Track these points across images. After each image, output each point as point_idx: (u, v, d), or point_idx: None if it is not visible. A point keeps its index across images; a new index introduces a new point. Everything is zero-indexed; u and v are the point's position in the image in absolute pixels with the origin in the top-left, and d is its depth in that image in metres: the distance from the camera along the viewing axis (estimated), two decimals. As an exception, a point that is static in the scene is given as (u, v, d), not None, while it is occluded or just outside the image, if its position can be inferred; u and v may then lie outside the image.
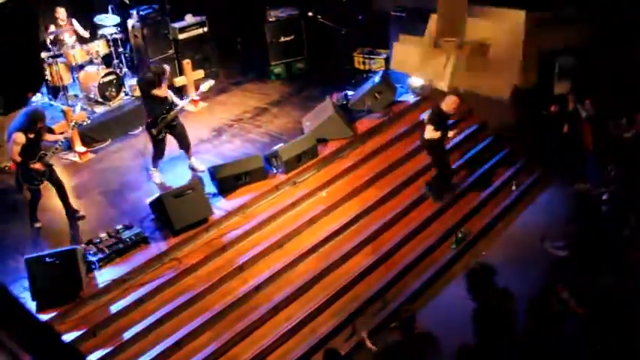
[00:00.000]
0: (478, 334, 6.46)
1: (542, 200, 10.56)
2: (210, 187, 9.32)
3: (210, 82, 9.93)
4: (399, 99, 11.64)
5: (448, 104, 9.48)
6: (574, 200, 9.13)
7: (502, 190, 10.81)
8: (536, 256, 8.90)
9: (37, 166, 8.34)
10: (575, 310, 7.18)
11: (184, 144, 9.81)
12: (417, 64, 11.02)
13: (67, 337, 7.14)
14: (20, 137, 8.17)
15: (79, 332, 7.32)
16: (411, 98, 11.78)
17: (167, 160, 10.04)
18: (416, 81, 11.53)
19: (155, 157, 9.76)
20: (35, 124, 8.27)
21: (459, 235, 9.71)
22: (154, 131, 9.38)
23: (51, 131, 9.40)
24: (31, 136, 8.24)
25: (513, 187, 10.88)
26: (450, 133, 9.85)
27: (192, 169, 9.95)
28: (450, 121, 10.03)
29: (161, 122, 9.29)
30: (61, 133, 9.15)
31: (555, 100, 10.72)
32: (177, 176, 9.85)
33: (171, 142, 9.76)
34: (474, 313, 6.39)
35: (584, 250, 8.18)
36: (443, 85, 10.78)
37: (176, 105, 9.46)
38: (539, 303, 7.17)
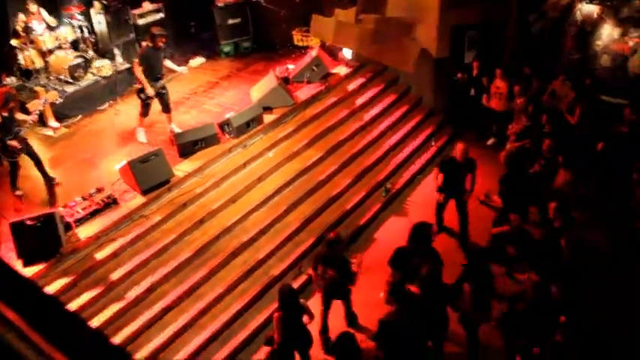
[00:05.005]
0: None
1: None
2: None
3: (201, 60, 9.90)
4: (333, 71, 11.69)
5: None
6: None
7: (423, 146, 11.09)
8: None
9: (14, 143, 8.15)
10: None
11: (167, 109, 9.88)
12: (331, 34, 10.99)
13: (51, 289, 7.14)
14: None
15: (62, 284, 7.32)
16: (343, 70, 11.85)
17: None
18: (347, 54, 11.55)
19: (141, 116, 9.83)
20: (8, 104, 8.05)
21: (388, 186, 9.99)
22: (142, 95, 9.49)
23: (24, 108, 9.18)
24: (5, 114, 8.04)
25: (432, 143, 11.19)
26: None
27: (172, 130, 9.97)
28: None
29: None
30: (33, 112, 8.93)
31: (464, 68, 10.96)
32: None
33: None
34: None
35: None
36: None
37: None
38: None
